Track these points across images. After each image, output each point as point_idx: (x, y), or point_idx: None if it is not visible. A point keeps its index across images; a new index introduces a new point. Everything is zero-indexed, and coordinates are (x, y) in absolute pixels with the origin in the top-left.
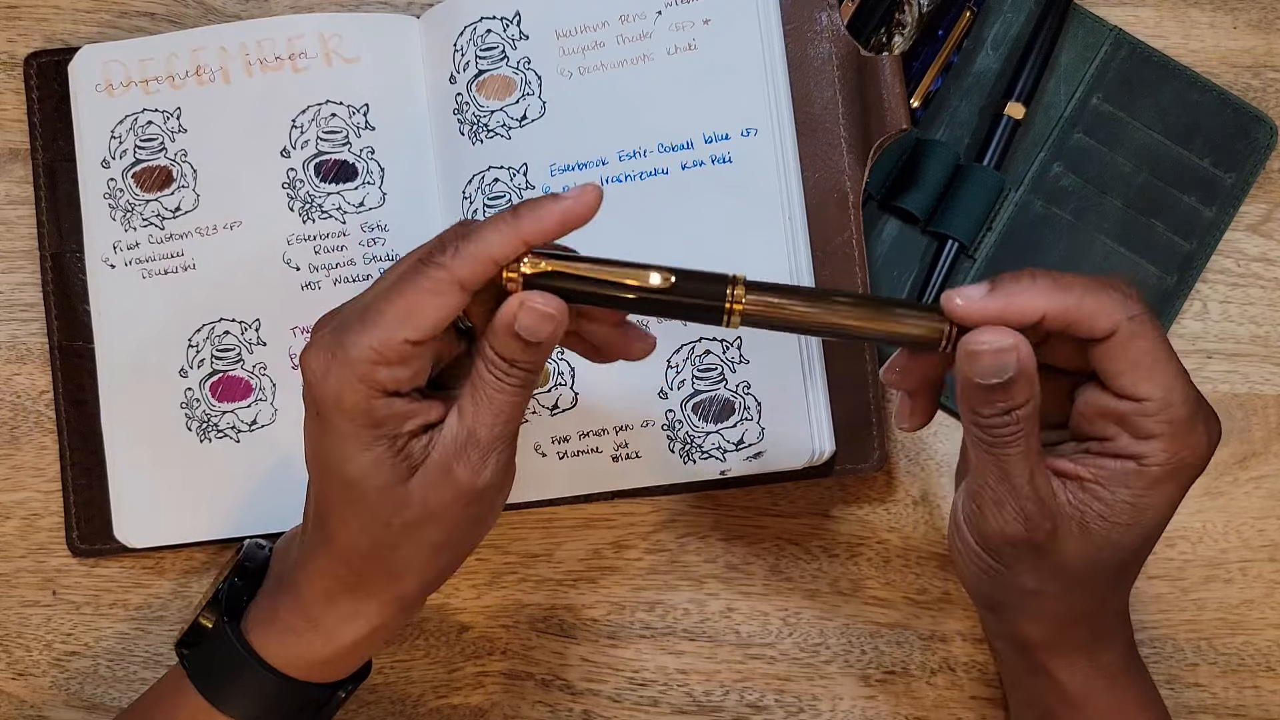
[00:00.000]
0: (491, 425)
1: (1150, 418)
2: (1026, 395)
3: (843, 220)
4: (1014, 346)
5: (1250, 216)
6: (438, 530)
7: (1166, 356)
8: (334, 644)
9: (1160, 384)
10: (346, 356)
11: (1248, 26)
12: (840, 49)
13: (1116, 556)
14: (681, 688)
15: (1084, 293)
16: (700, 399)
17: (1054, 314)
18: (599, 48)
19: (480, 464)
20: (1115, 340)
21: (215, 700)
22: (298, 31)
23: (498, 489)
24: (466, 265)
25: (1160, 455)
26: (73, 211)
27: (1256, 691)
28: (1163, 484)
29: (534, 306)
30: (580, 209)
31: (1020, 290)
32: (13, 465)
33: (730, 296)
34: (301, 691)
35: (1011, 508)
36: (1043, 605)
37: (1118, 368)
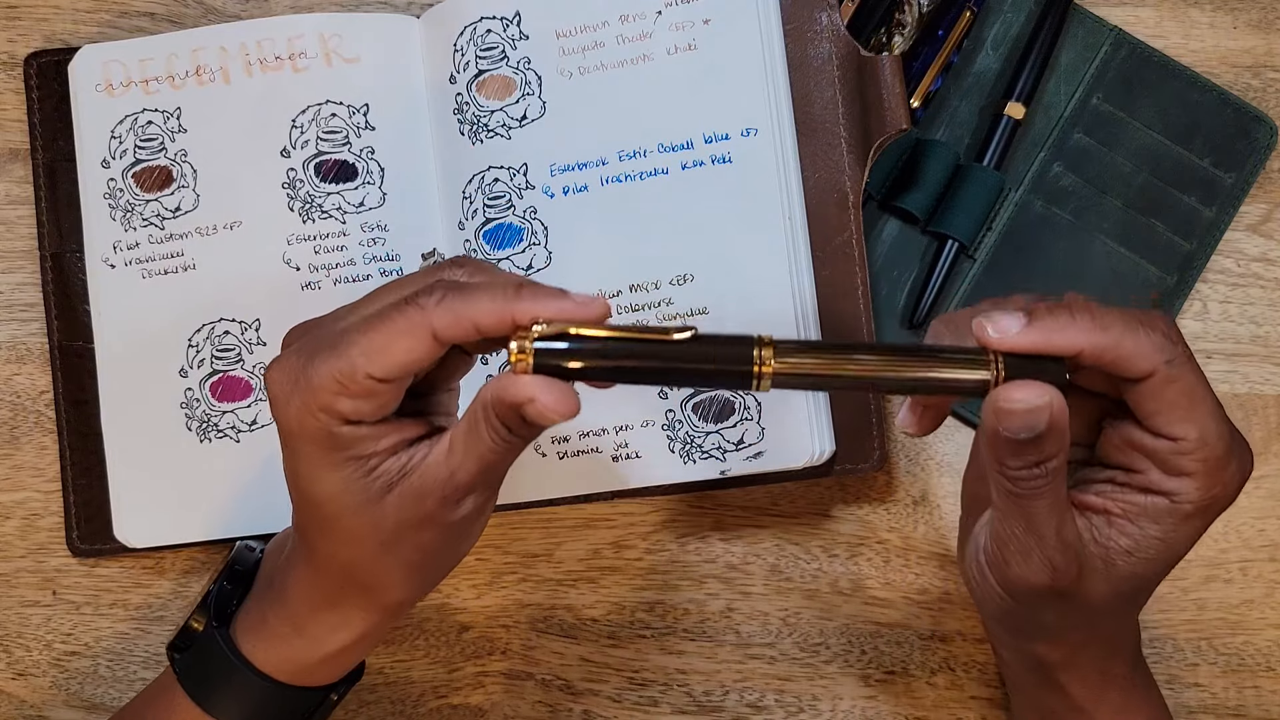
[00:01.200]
0: (474, 473)
1: (1185, 456)
2: (1056, 448)
3: (843, 220)
4: (1048, 405)
5: (1250, 216)
6: (412, 550)
7: (1203, 396)
8: (321, 650)
9: (1197, 424)
10: (309, 383)
11: (1248, 26)
12: (840, 49)
13: (1136, 589)
14: (681, 688)
15: (1123, 332)
16: (700, 399)
17: (1091, 353)
18: (599, 48)
19: (454, 504)
20: (1153, 382)
21: (204, 704)
22: (298, 31)
23: (472, 522)
24: (446, 319)
25: (1194, 494)
26: (73, 211)
27: (1256, 691)
28: (1193, 520)
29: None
30: (582, 315)
31: (1059, 327)
32: (13, 465)
33: (758, 359)
34: (291, 696)
35: (1038, 558)
36: (1063, 635)
37: (1153, 408)
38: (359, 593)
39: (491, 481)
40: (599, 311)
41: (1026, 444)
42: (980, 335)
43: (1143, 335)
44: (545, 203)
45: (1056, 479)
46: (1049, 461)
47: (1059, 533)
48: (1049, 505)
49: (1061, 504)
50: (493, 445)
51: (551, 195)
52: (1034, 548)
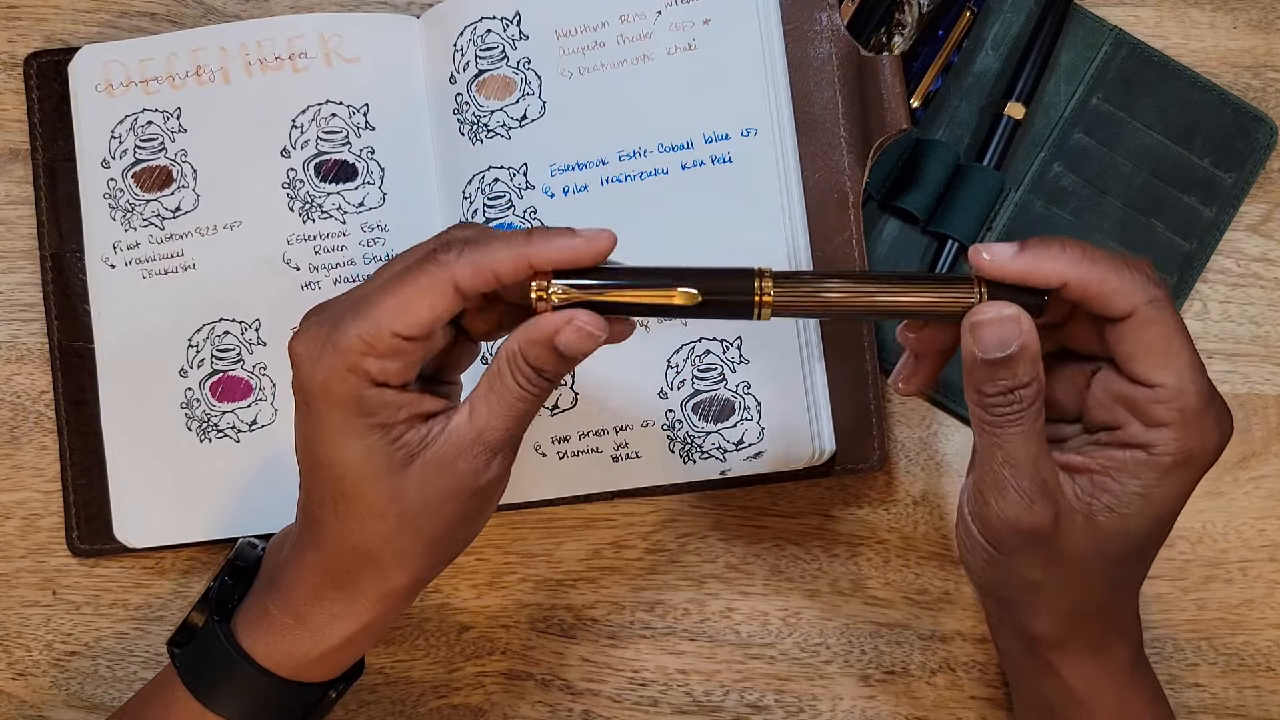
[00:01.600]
0: (504, 429)
1: (1162, 405)
2: (1030, 374)
3: (843, 220)
4: (1015, 317)
5: (1250, 216)
6: (433, 523)
7: (1182, 344)
8: (323, 642)
9: (1174, 371)
10: (336, 345)
11: (1248, 26)
12: (840, 49)
13: (1123, 548)
14: (681, 688)
15: (1109, 269)
16: (700, 399)
17: (1076, 283)
18: (599, 48)
19: (485, 464)
20: (1132, 322)
21: (205, 699)
22: (298, 31)
23: (496, 486)
24: (467, 270)
25: (1171, 444)
26: (73, 211)
27: (1256, 691)
28: (1172, 474)
29: (582, 326)
30: (592, 250)
31: (1049, 255)
32: (13, 465)
33: (759, 289)
34: (291, 691)
35: (1013, 490)
36: (1049, 599)
37: (1132, 350)
38: (370, 574)
39: (516, 438)
40: (605, 245)
41: (999, 364)
42: (975, 259)
43: (1126, 274)
44: (545, 203)
45: (1030, 408)
46: (1022, 388)
47: (1034, 466)
48: (1022, 435)
49: (1037, 436)
50: (521, 393)
51: (551, 195)
52: (1008, 480)
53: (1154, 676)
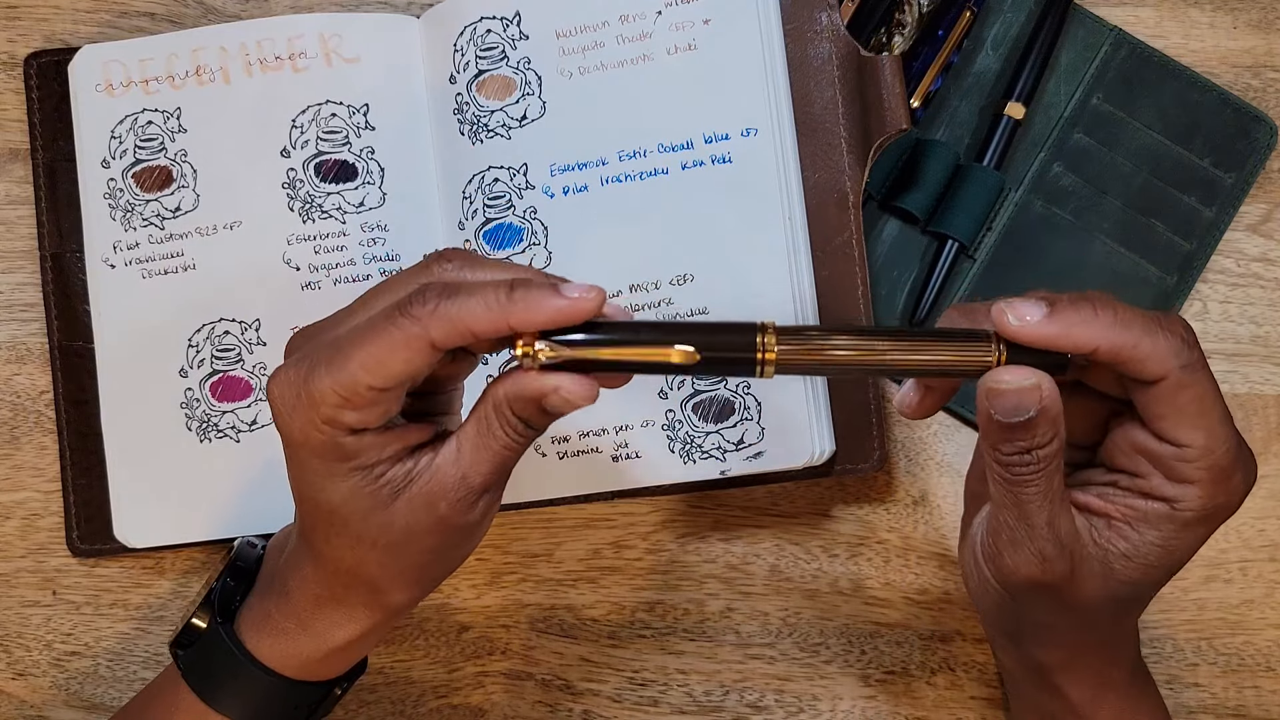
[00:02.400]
0: (489, 473)
1: (1190, 464)
2: (1049, 435)
3: (843, 220)
4: (1036, 387)
5: (1250, 216)
6: (419, 553)
7: (1214, 404)
8: (326, 645)
9: (1204, 431)
10: (310, 397)
11: (1248, 26)
12: (840, 49)
13: (1136, 593)
14: (681, 688)
15: (1143, 333)
16: (700, 399)
17: (1108, 350)
18: (599, 48)
19: (470, 505)
20: (1164, 385)
21: (210, 700)
22: (298, 31)
23: (481, 522)
24: (442, 329)
25: (1196, 501)
26: (73, 211)
27: (1256, 691)
28: (1193, 528)
29: (567, 397)
30: (577, 311)
31: (1081, 320)
32: (13, 465)
33: (761, 345)
34: (296, 690)
35: (1029, 549)
36: (1058, 636)
37: (1162, 412)
38: (364, 592)
39: (503, 479)
40: (591, 306)
41: (1018, 428)
42: (999, 321)
43: (1161, 338)
44: (545, 203)
45: (1049, 467)
46: (1041, 449)
47: (1051, 524)
48: (1041, 494)
49: (1055, 495)
50: (508, 442)
51: (551, 195)
52: (1025, 537)
53: (1151, 683)
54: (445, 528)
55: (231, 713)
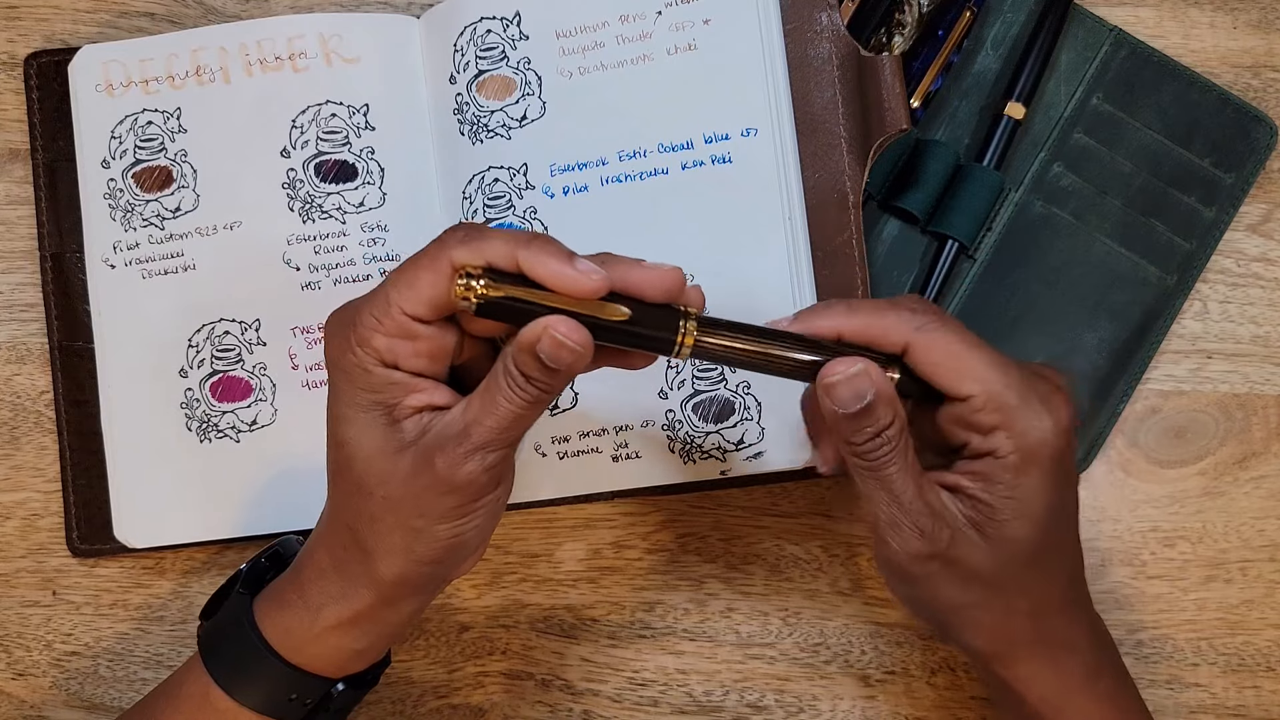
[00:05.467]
0: (489, 428)
1: (981, 412)
2: (890, 415)
3: (843, 220)
4: (864, 372)
5: (1250, 216)
6: (412, 512)
7: (970, 351)
8: (318, 621)
9: (973, 377)
10: (352, 320)
11: (1248, 26)
12: (840, 49)
13: (1021, 551)
14: (681, 688)
15: (870, 314)
16: (700, 399)
17: (849, 334)
18: (599, 48)
19: (462, 459)
20: (913, 351)
21: (214, 671)
22: (298, 31)
23: (480, 489)
24: (464, 251)
25: (1007, 444)
26: (73, 211)
27: (1256, 691)
28: (1025, 470)
29: (555, 335)
30: (579, 285)
31: (816, 315)
32: (13, 465)
33: (683, 329)
34: (290, 674)
35: (906, 525)
36: (974, 616)
37: (928, 373)
38: (359, 557)
39: (505, 440)
40: (593, 286)
41: (861, 415)
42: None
43: (889, 313)
44: (545, 203)
45: (899, 444)
46: (888, 429)
47: (920, 496)
48: (900, 471)
49: (914, 471)
50: (511, 396)
51: (551, 195)
52: (899, 517)
53: (1126, 686)
54: (438, 483)
55: (231, 689)
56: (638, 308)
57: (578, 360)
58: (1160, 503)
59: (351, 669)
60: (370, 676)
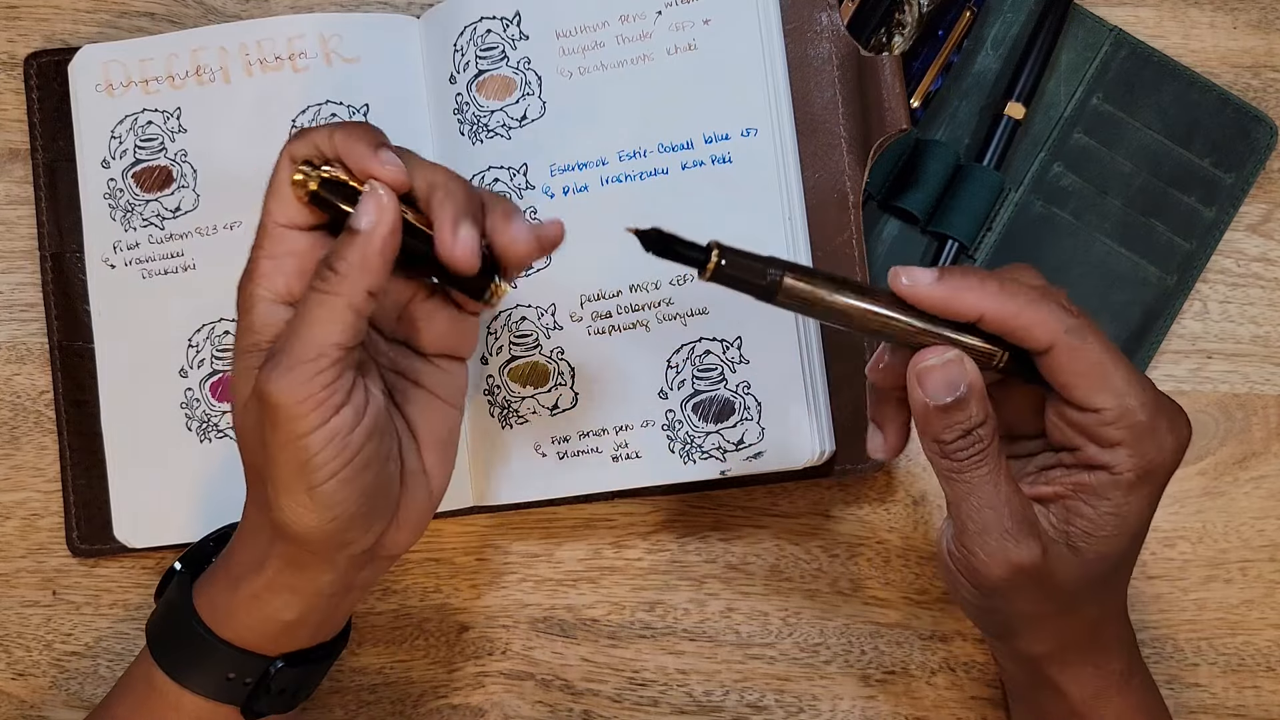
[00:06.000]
0: (293, 341)
1: (1110, 426)
2: (983, 412)
3: (843, 220)
4: (959, 358)
5: (1250, 216)
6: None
7: (1113, 364)
8: (237, 590)
9: (1111, 391)
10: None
11: (1248, 26)
12: (840, 49)
13: (1106, 567)
14: (681, 688)
15: (1025, 302)
16: (700, 399)
17: (992, 316)
18: (599, 48)
19: (269, 377)
20: (1056, 353)
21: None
22: (298, 31)
23: (298, 417)
24: (298, 145)
25: (1128, 461)
26: (73, 211)
27: (1256, 691)
28: (1138, 488)
29: (376, 194)
30: (377, 172)
31: (967, 286)
32: (13, 465)
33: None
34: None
35: (996, 531)
36: (1044, 625)
37: (1065, 380)
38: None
39: (320, 366)
40: (388, 177)
41: (953, 408)
42: (893, 281)
43: (1042, 306)
44: (545, 203)
45: (990, 447)
46: (978, 428)
47: (1009, 505)
48: (990, 476)
49: (1004, 477)
50: (312, 298)
51: (551, 195)
52: (990, 524)
53: (1151, 686)
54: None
55: (170, 670)
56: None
57: (381, 213)
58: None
59: (288, 644)
60: (315, 655)
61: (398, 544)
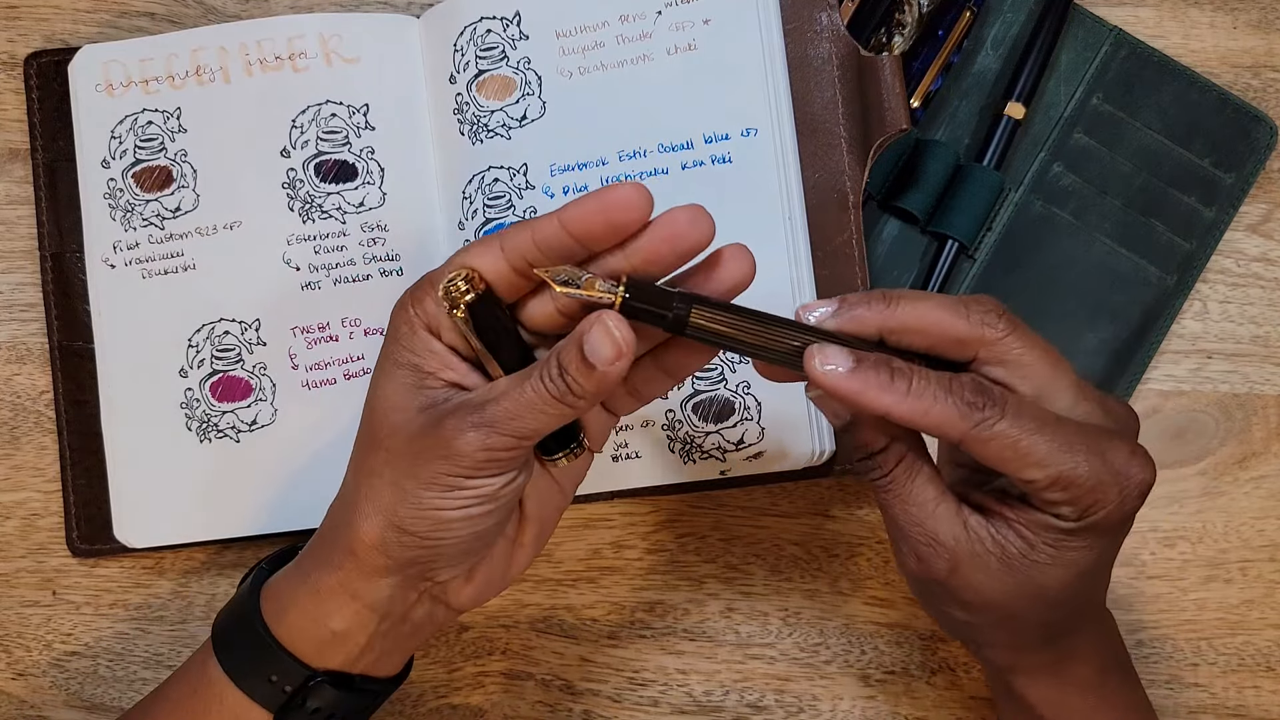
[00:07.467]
0: (506, 409)
1: (1045, 491)
2: (876, 439)
3: (843, 220)
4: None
5: (1250, 216)
6: (407, 472)
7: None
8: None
9: (1037, 465)
10: (413, 286)
11: (1248, 26)
12: (840, 49)
13: (1047, 594)
14: (681, 688)
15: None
16: (700, 399)
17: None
18: (599, 48)
19: (467, 427)
20: (968, 445)
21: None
22: (298, 31)
23: (475, 465)
24: (511, 233)
25: (1071, 513)
26: (73, 211)
27: (1256, 691)
28: (1082, 535)
29: (605, 324)
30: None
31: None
32: (13, 465)
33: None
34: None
35: (906, 548)
36: (987, 634)
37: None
38: (347, 515)
39: (516, 428)
40: (625, 200)
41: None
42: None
43: (948, 403)
44: (545, 203)
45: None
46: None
47: (924, 522)
48: (899, 499)
49: (918, 499)
50: (537, 383)
51: (551, 195)
52: (899, 538)
53: (1131, 687)
54: (437, 446)
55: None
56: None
57: (617, 357)
58: (1160, 503)
59: (330, 658)
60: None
61: (461, 599)
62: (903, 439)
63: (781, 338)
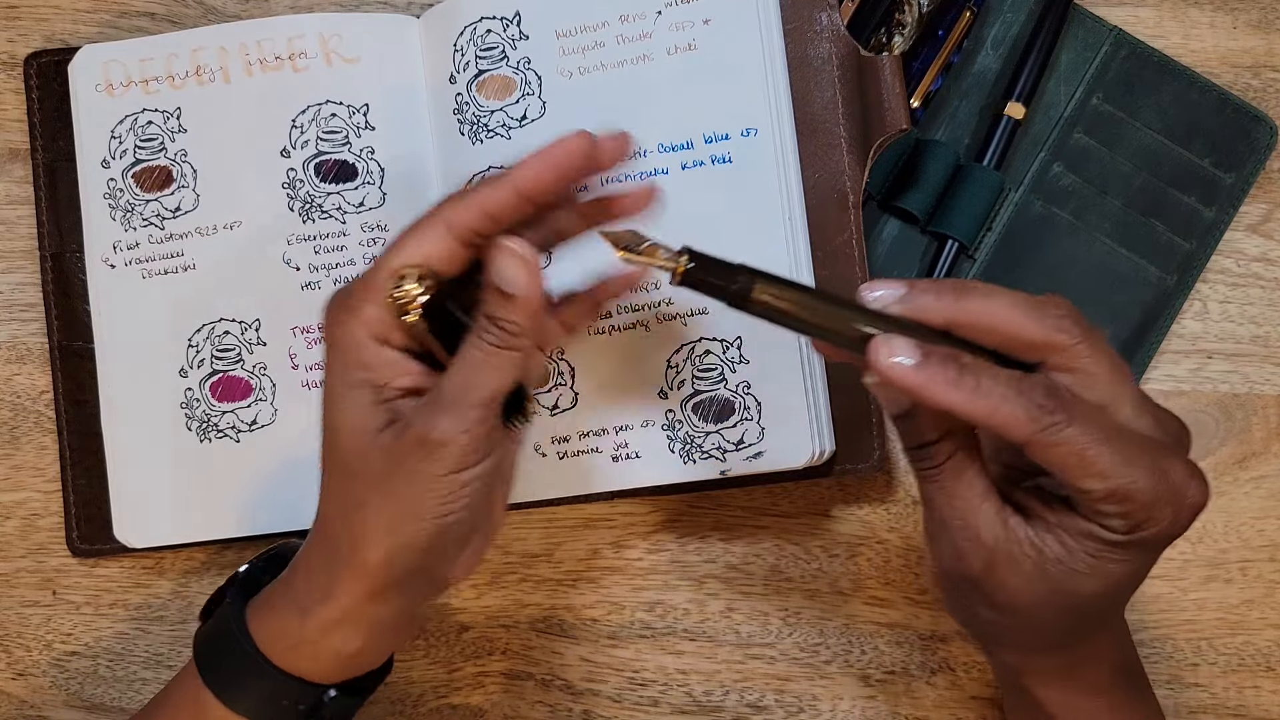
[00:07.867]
0: (461, 385)
1: (1100, 502)
2: (934, 430)
3: (843, 220)
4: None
5: (1250, 216)
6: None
7: (1100, 453)
8: (306, 623)
9: (1098, 479)
10: (347, 292)
11: (1248, 26)
12: (840, 49)
13: (1077, 602)
14: (681, 688)
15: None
16: (700, 399)
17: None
18: (599, 48)
19: (437, 417)
20: (1032, 449)
21: (207, 678)
22: (298, 31)
23: (460, 452)
24: (457, 209)
25: (1120, 527)
26: (73, 211)
27: (1256, 691)
28: (1126, 549)
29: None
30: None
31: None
32: (13, 465)
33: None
34: (280, 680)
35: (945, 541)
36: (1007, 635)
37: (1048, 467)
38: (347, 546)
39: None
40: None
41: (902, 420)
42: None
43: (1017, 404)
44: None
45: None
46: (933, 444)
47: (967, 516)
48: (944, 492)
49: (963, 494)
50: (478, 341)
51: None
52: (940, 532)
53: (1141, 686)
54: (418, 449)
55: (223, 696)
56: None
57: (530, 276)
58: None
59: (344, 674)
60: (365, 685)
61: (455, 574)
62: (958, 432)
63: (844, 320)
